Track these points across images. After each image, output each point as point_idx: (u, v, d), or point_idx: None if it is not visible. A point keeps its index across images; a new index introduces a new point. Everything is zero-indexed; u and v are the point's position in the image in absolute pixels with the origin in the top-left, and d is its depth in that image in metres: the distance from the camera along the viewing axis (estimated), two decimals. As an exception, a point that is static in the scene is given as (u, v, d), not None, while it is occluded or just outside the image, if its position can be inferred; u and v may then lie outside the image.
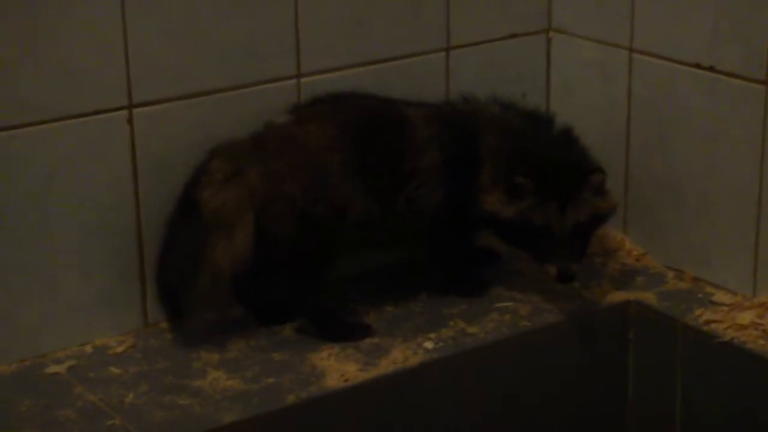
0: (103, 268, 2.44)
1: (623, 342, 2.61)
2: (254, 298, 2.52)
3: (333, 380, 2.32)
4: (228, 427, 2.20)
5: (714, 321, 2.50)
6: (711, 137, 2.58)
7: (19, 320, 2.38)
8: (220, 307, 2.50)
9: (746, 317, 2.50)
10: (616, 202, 2.54)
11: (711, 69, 2.54)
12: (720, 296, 2.59)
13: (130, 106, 2.40)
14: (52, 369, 2.37)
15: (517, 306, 2.59)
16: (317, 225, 2.41)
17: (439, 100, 2.67)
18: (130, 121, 2.41)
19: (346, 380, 2.33)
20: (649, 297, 2.61)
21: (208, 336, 2.46)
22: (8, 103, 2.28)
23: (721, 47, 2.52)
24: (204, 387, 2.31)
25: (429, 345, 2.44)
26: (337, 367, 2.36)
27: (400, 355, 2.40)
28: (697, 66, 2.57)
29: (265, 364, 2.39)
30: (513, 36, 2.82)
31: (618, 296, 2.62)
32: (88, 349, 2.44)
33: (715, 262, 2.63)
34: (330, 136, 2.42)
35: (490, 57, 2.78)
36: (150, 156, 2.44)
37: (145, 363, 2.39)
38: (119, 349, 2.44)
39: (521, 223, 2.44)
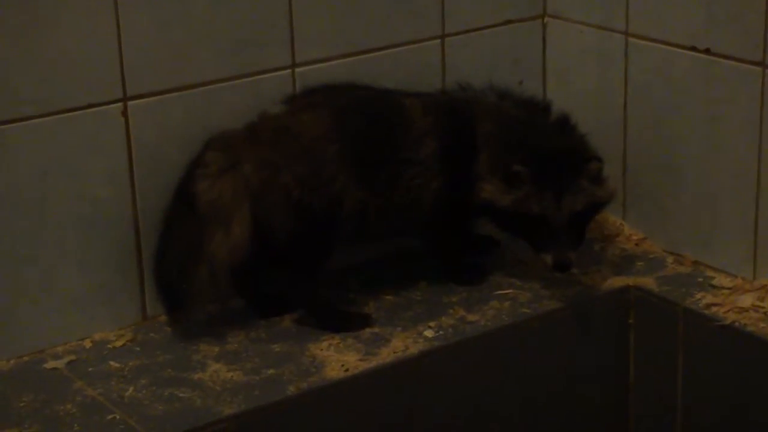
0: (101, 262, 2.44)
1: (624, 327, 2.60)
2: (253, 290, 2.51)
3: (333, 371, 2.32)
4: (229, 419, 2.19)
5: (714, 304, 2.50)
6: (708, 120, 2.57)
7: (17, 316, 2.37)
8: (219, 300, 2.50)
9: (747, 300, 2.49)
10: (614, 190, 2.53)
11: (707, 52, 2.53)
12: (720, 279, 2.58)
13: (125, 99, 2.39)
14: (51, 364, 2.37)
15: (517, 293, 2.58)
16: (313, 215, 2.40)
17: (435, 88, 2.66)
18: (124, 113, 2.40)
19: (346, 370, 2.32)
20: (649, 282, 2.60)
21: (207, 328, 2.46)
22: (2, 97, 2.27)
23: (717, 30, 2.51)
24: (204, 380, 2.30)
25: (429, 333, 2.44)
26: (337, 358, 2.36)
27: (401, 344, 2.40)
28: (693, 49, 2.56)
29: (265, 355, 2.38)
30: (508, 22, 2.80)
31: (618, 281, 2.61)
32: (87, 343, 2.44)
33: (715, 246, 2.62)
34: (325, 127, 2.42)
35: (486, 44, 2.77)
36: (145, 148, 2.43)
37: (144, 357, 2.39)
38: (118, 343, 2.44)
39: (518, 212, 2.43)
